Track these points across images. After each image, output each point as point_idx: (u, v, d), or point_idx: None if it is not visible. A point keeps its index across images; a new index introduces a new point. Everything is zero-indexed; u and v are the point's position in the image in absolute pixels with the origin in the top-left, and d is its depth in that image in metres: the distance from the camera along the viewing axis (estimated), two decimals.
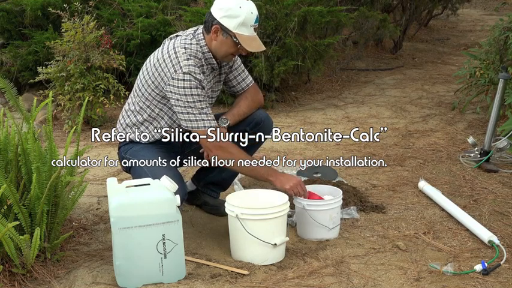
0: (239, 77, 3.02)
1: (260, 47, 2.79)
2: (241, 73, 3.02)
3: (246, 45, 2.73)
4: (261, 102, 3.07)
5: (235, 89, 3.04)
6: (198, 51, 2.80)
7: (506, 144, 3.83)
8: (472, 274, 2.51)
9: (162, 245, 2.48)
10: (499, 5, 7.84)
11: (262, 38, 5.21)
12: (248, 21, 2.71)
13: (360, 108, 5.41)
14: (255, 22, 2.74)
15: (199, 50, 2.81)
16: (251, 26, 2.73)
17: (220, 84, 3.01)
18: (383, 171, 3.79)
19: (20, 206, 2.49)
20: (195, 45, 2.81)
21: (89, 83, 4.70)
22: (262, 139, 3.07)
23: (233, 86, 3.03)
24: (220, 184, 3.18)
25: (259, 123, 3.01)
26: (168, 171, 2.71)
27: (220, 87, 3.02)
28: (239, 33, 2.72)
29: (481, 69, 4.96)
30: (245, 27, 2.72)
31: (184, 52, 2.75)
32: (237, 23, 2.70)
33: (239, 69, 3.02)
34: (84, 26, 4.73)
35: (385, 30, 6.67)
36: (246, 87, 3.03)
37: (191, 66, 2.73)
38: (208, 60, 2.83)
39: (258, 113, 3.03)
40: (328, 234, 2.86)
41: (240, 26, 2.71)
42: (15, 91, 2.86)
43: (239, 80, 3.02)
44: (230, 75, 3.01)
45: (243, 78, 3.03)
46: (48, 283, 2.52)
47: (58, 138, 4.63)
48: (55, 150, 2.66)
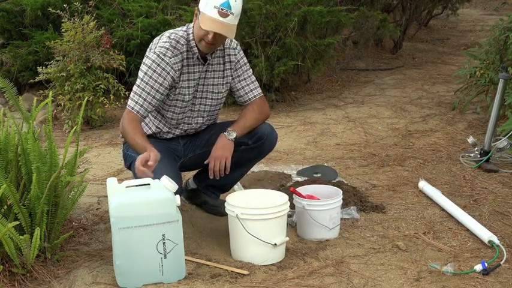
0: (247, 88, 2.97)
1: (216, 28, 2.66)
2: (250, 84, 2.98)
3: (202, 23, 2.68)
4: (267, 115, 3.02)
5: (243, 99, 2.98)
6: (182, 37, 2.81)
7: (506, 144, 3.83)
8: (472, 274, 2.51)
9: (162, 245, 2.48)
10: (499, 5, 7.84)
11: (262, 38, 5.22)
12: (213, 0, 2.65)
13: (360, 108, 5.41)
14: (222, 5, 2.64)
15: (185, 36, 2.82)
16: (215, 7, 2.64)
17: (218, 87, 2.95)
18: (383, 171, 3.79)
19: (20, 206, 2.49)
20: (182, 32, 2.83)
21: (89, 83, 4.70)
22: (263, 154, 3.06)
23: (240, 96, 2.98)
24: (220, 187, 3.17)
25: (262, 138, 2.96)
26: (168, 167, 2.71)
27: (217, 91, 2.95)
28: (203, 12, 2.68)
29: (481, 69, 4.96)
30: (210, 6, 2.66)
31: (169, 36, 2.80)
32: (205, 3, 2.68)
33: (248, 79, 2.98)
34: (84, 26, 4.74)
35: (385, 30, 6.66)
36: (252, 98, 2.97)
37: (163, 48, 2.76)
38: (192, 49, 2.82)
39: (262, 127, 2.98)
40: (328, 234, 2.86)
41: (206, 5, 2.67)
42: (15, 91, 2.86)
43: (247, 90, 2.97)
44: (238, 85, 2.96)
45: (251, 88, 2.97)
46: (48, 283, 2.52)
47: (58, 138, 4.63)
48: (55, 150, 2.66)
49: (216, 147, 2.84)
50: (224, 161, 2.82)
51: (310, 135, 4.64)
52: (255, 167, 3.81)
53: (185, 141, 3.03)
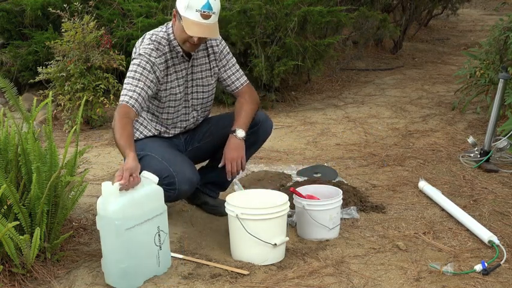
0: (233, 76, 3.03)
1: (202, 32, 2.70)
2: (236, 72, 3.04)
3: (186, 29, 2.70)
4: (259, 101, 3.10)
5: (230, 88, 3.06)
6: (163, 38, 2.83)
7: (506, 144, 3.83)
8: (472, 274, 2.51)
9: (157, 237, 2.53)
10: (499, 5, 7.84)
11: (262, 38, 5.22)
12: (194, 4, 2.66)
13: (360, 108, 5.41)
14: (204, 8, 2.66)
15: (166, 37, 2.84)
16: (197, 11, 2.66)
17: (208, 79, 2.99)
18: (383, 171, 3.79)
19: (20, 206, 2.49)
20: (163, 33, 2.85)
21: (89, 83, 4.70)
22: (258, 143, 3.08)
23: (228, 85, 3.05)
24: (218, 184, 3.18)
25: (257, 124, 3.01)
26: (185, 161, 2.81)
27: (207, 83, 3.00)
28: (185, 17, 2.70)
29: (481, 69, 4.96)
30: (191, 10, 2.67)
31: (150, 37, 2.83)
32: (184, 6, 2.69)
33: (233, 68, 3.03)
34: (84, 26, 4.74)
35: (385, 30, 6.66)
36: (240, 86, 3.04)
37: (147, 49, 2.78)
38: (175, 48, 2.85)
39: (256, 114, 3.03)
40: (328, 234, 2.86)
41: (186, 9, 2.68)
42: (15, 91, 2.86)
43: (233, 79, 3.03)
44: (224, 74, 3.02)
45: (237, 77, 3.04)
46: (48, 283, 2.52)
47: (58, 138, 4.63)
48: (55, 150, 2.66)
49: (228, 148, 2.87)
50: (240, 160, 2.87)
51: (310, 135, 4.64)
52: (255, 167, 3.82)
53: (186, 136, 3.09)
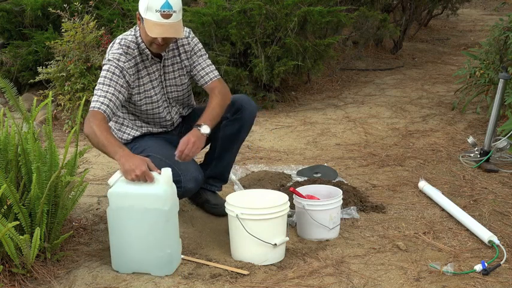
0: (203, 72, 3.00)
1: (164, 33, 2.70)
2: (206, 68, 3.01)
3: (148, 30, 2.70)
4: (229, 96, 3.02)
5: (200, 83, 3.03)
6: (132, 42, 2.84)
7: (506, 144, 3.83)
8: (472, 274, 2.51)
9: None
10: (499, 5, 7.86)
11: (262, 38, 5.22)
12: (153, 5, 2.66)
13: (360, 108, 5.41)
14: (163, 7, 2.66)
15: (134, 40, 2.85)
16: (157, 11, 2.66)
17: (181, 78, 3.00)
18: (383, 171, 3.79)
19: (20, 206, 2.49)
20: (131, 36, 2.86)
21: (89, 83, 4.70)
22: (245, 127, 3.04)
23: (198, 80, 3.03)
24: (218, 177, 3.18)
25: (240, 109, 2.99)
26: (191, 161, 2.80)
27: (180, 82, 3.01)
28: (146, 18, 2.70)
29: (481, 69, 4.96)
30: (151, 11, 2.67)
31: (119, 42, 2.83)
32: (145, 8, 2.69)
33: (203, 63, 3.00)
34: (84, 26, 4.74)
35: (385, 30, 6.66)
36: (209, 81, 2.99)
37: (116, 54, 2.79)
38: (144, 51, 2.85)
39: (239, 98, 3.01)
40: (328, 234, 2.86)
41: (147, 11, 2.69)
42: (15, 91, 2.87)
43: (202, 74, 3.00)
44: (194, 70, 3.01)
45: (206, 72, 3.00)
46: (48, 283, 2.52)
47: (58, 138, 4.63)
48: (55, 150, 2.66)
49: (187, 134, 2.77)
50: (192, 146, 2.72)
51: (310, 135, 4.64)
52: (255, 167, 3.82)
53: (178, 130, 3.11)
